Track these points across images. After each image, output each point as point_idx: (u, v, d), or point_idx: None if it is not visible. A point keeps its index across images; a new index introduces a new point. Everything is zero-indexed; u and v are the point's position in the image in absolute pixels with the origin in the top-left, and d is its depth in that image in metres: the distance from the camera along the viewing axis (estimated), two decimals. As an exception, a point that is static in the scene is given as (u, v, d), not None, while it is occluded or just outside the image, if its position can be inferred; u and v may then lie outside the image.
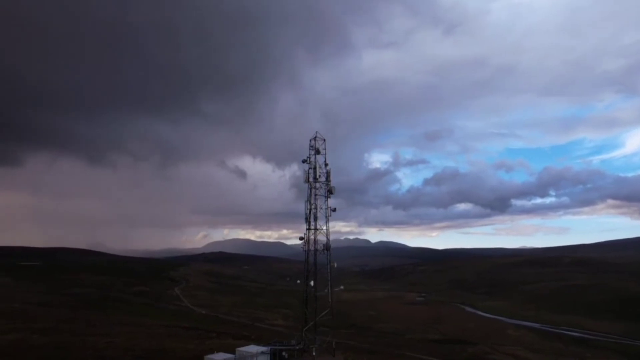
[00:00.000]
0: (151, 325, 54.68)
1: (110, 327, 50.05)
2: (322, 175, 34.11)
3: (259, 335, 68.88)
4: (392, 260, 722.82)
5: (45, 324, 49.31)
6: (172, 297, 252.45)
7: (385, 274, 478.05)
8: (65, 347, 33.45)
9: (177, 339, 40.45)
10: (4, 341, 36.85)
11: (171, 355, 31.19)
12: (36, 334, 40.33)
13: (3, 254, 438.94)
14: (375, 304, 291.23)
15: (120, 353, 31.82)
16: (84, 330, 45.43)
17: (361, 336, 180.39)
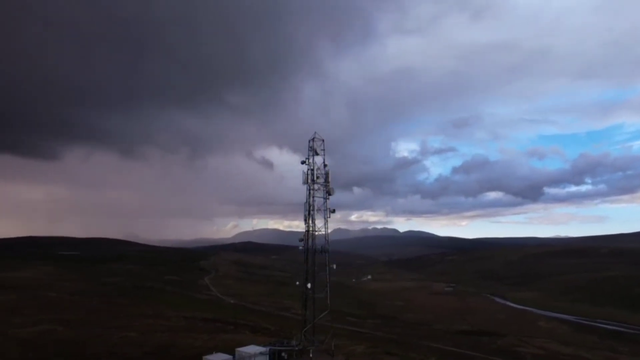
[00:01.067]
0: (172, 317, 56.26)
1: (133, 319, 51.86)
2: (321, 176, 33.73)
3: (279, 328, 69.73)
4: (420, 249, 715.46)
5: (73, 316, 51.62)
6: (202, 286, 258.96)
7: (413, 264, 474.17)
8: (83, 341, 34.85)
9: (191, 333, 41.39)
10: (31, 333, 38.85)
11: (177, 351, 31.92)
12: (62, 326, 42.26)
13: (45, 244, 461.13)
14: (403, 294, 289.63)
15: (131, 348, 32.85)
16: (107, 322, 47.30)
17: (388, 326, 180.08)
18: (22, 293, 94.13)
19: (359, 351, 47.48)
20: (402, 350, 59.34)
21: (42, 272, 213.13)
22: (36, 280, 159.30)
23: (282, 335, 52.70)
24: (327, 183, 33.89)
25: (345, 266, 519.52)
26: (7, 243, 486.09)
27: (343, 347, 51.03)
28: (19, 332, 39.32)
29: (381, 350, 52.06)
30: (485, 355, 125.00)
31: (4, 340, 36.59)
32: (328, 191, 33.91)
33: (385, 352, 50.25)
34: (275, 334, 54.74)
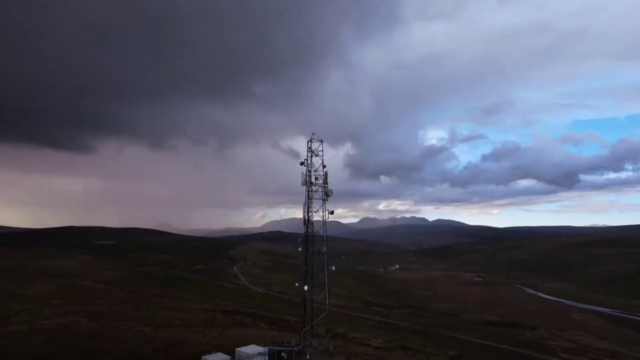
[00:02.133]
0: (192, 309, 57.77)
1: (155, 311, 53.63)
2: (320, 177, 33.37)
3: (298, 321, 70.35)
4: (449, 239, 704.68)
5: (99, 307, 53.91)
6: (230, 275, 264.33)
7: (442, 253, 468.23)
8: (101, 335, 36.32)
9: (205, 327, 42.30)
10: (56, 325, 40.83)
11: (183, 348, 32.66)
12: (86, 318, 44.18)
13: (83, 233, 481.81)
14: (431, 284, 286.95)
15: (141, 344, 33.90)
16: (130, 315, 49.13)
17: (414, 316, 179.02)
18: (60, 282, 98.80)
19: (374, 346, 47.30)
20: (420, 344, 58.80)
21: (81, 261, 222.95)
22: (75, 269, 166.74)
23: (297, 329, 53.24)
24: (326, 184, 33.55)
25: (373, 255, 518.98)
26: (50, 232, 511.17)
27: (359, 341, 51.19)
28: (45, 324, 41.47)
29: (397, 345, 51.80)
30: (512, 348, 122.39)
31: (29, 331, 38.70)
32: (326, 192, 33.58)
33: (401, 347, 49.99)
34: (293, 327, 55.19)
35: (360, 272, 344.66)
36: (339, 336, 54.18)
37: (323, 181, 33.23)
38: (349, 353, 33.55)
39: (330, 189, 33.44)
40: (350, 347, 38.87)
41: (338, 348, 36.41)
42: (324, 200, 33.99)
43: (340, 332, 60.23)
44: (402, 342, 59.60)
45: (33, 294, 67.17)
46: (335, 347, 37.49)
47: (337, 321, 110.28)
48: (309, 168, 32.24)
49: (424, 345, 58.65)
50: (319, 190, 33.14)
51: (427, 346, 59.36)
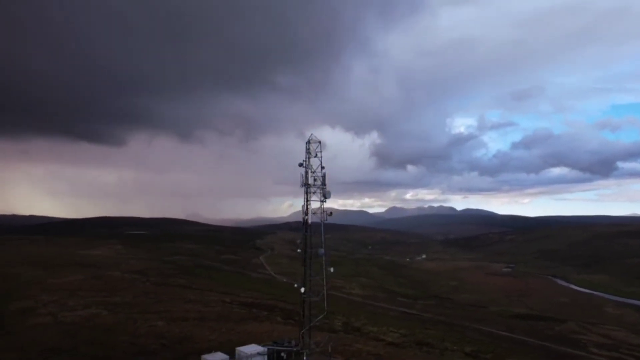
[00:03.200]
0: (211, 302, 58.93)
1: (174, 303, 55.04)
2: (318, 178, 33.03)
3: (318, 312, 70.70)
4: (478, 228, 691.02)
5: (123, 298, 55.85)
6: (256, 265, 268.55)
7: (470, 243, 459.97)
8: (116, 328, 37.57)
9: (218, 322, 42.96)
10: (77, 317, 42.58)
11: (189, 345, 33.25)
12: (107, 311, 45.85)
13: (116, 223, 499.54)
14: (458, 274, 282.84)
15: (151, 340, 34.75)
16: (150, 307, 50.60)
17: (439, 307, 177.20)
18: (91, 272, 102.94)
19: (387, 341, 46.95)
20: (438, 339, 58.09)
21: (113, 250, 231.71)
22: (107, 258, 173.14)
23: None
24: (324, 186, 33.19)
25: (400, 245, 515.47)
26: (87, 222, 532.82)
27: (374, 335, 50.97)
28: (67, 316, 43.33)
29: (413, 340, 51.30)
30: (540, 342, 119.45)
31: (52, 323, 40.53)
32: (324, 194, 33.23)
33: (416, 343, 49.47)
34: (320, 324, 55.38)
35: (386, 262, 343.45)
36: (355, 330, 54.25)
37: (321, 182, 32.94)
38: (352, 352, 33.42)
39: (329, 190, 33.12)
40: (359, 344, 38.68)
41: (344, 346, 36.38)
42: (322, 201, 33.74)
43: (357, 325, 60.24)
44: (419, 336, 58.99)
45: (63, 284, 70.20)
46: (344, 344, 37.52)
47: (359, 312, 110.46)
48: (307, 169, 32.01)
49: (442, 340, 57.90)
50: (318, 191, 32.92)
51: (445, 341, 58.56)
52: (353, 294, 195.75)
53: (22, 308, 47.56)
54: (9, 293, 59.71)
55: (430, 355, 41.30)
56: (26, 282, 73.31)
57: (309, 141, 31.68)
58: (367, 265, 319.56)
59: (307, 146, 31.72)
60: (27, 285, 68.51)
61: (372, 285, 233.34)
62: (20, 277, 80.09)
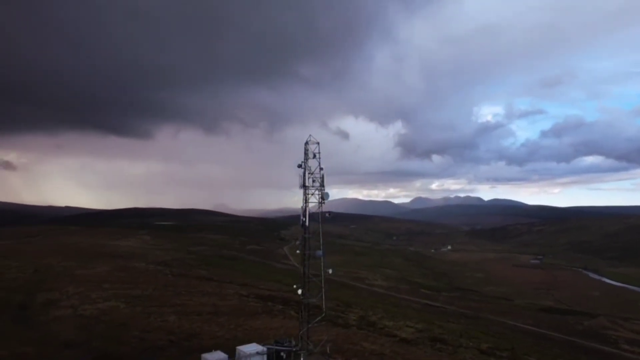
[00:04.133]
0: (228, 295, 59.91)
1: (192, 296, 56.28)
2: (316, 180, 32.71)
3: (337, 305, 70.77)
4: (506, 219, 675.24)
5: (143, 290, 57.55)
6: (280, 255, 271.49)
7: (497, 234, 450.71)
8: (129, 323, 38.66)
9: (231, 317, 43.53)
10: (95, 311, 44.12)
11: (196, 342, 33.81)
12: (125, 304, 47.35)
13: (143, 214, 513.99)
14: (484, 266, 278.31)
15: (160, 335, 35.51)
16: (168, 300, 51.93)
17: (463, 300, 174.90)
18: (118, 263, 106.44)
19: (400, 337, 46.52)
20: (455, 334, 57.25)
21: (141, 241, 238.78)
22: (135, 249, 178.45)
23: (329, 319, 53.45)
24: (322, 187, 32.86)
25: (425, 236, 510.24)
26: (116, 214, 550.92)
27: (388, 330, 50.67)
28: (87, 309, 44.94)
29: (428, 336, 50.68)
30: (567, 337, 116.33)
31: (72, 316, 42.16)
32: (322, 196, 32.91)
33: (431, 339, 48.81)
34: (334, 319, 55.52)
35: (411, 253, 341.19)
36: (369, 325, 54.10)
37: (320, 184, 32.69)
38: (355, 352, 33.24)
39: (327, 192, 32.85)
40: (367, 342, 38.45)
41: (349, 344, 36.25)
42: (320, 203, 33.49)
43: (373, 319, 60.06)
44: (436, 331, 58.31)
45: (90, 276, 72.86)
46: (350, 342, 37.45)
47: (379, 305, 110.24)
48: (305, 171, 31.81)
49: (459, 336, 57.05)
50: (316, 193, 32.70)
51: (462, 336, 57.65)
52: (376, 285, 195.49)
53: (48, 299, 49.67)
54: (39, 284, 62.41)
55: (442, 353, 40.74)
56: (57, 273, 76.38)
57: (307, 142, 31.43)
58: (391, 256, 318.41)
59: (305, 147, 31.49)
60: (57, 276, 71.41)
61: (395, 276, 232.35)
62: (52, 268, 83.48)
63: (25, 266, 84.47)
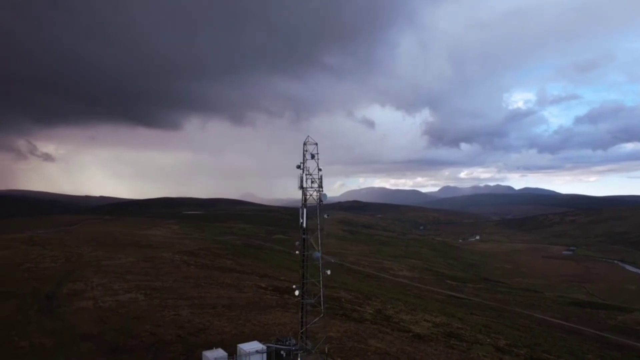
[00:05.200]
0: (246, 287, 60.76)
1: (210, 288, 57.35)
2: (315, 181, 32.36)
3: (356, 297, 70.67)
4: (537, 208, 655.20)
5: (164, 282, 59.16)
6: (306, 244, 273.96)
7: (527, 224, 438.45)
8: (143, 316, 39.80)
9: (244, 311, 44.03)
10: (114, 303, 45.75)
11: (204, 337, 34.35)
12: (144, 296, 48.83)
13: (173, 203, 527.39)
14: (513, 257, 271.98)
15: (170, 330, 36.34)
16: (186, 292, 53.19)
17: (489, 292, 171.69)
18: (145, 253, 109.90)
19: (414, 332, 45.88)
20: (473, 330, 56.19)
21: (170, 231, 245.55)
22: (164, 239, 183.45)
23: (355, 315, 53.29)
24: (320, 188, 32.58)
25: (453, 226, 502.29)
26: (147, 203, 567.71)
27: (404, 325, 50.22)
28: (107, 301, 46.65)
29: (444, 331, 49.91)
30: (597, 332, 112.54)
31: (92, 308, 43.89)
32: (320, 198, 32.64)
33: (446, 334, 48.01)
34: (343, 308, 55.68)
35: (437, 243, 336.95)
36: (385, 319, 53.82)
37: (318, 185, 32.45)
38: (358, 351, 32.98)
39: (324, 193, 32.62)
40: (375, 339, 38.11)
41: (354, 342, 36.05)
42: (318, 205, 33.28)
43: (389, 313, 59.71)
44: (454, 326, 57.44)
45: (116, 266, 75.55)
46: (357, 340, 37.30)
47: (401, 296, 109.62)
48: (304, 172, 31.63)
49: (478, 331, 56.01)
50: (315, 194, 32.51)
51: (482, 331, 56.59)
52: (400, 276, 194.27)
53: (73, 290, 51.86)
54: (68, 274, 65.20)
55: (454, 351, 39.98)
56: (86, 263, 79.53)
57: (306, 143, 31.24)
58: (417, 246, 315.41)
59: (304, 148, 31.28)
60: (85, 266, 74.35)
61: (421, 267, 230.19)
62: (82, 258, 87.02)
63: (58, 256, 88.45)
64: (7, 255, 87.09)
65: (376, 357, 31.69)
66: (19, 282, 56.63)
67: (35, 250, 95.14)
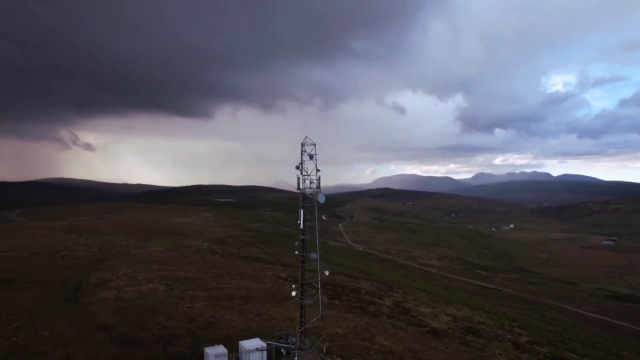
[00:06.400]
0: (266, 278, 61.44)
1: (231, 279, 58.37)
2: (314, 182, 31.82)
3: (376, 289, 70.10)
4: (577, 196, 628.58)
5: (186, 272, 60.73)
6: (335, 233, 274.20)
7: (565, 212, 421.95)
8: (160, 308, 40.97)
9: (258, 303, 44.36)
10: (135, 293, 47.39)
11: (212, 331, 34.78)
12: (164, 286, 50.24)
13: (206, 191, 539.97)
14: (549, 246, 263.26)
15: (182, 323, 37.11)
16: (207, 283, 54.36)
17: (521, 282, 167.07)
18: (174, 241, 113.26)
19: (430, 327, 44.91)
20: (494, 325, 54.63)
21: (202, 218, 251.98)
22: (195, 226, 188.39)
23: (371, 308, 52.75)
24: (318, 190, 32.08)
25: (486, 213, 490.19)
26: (182, 191, 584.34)
27: (420, 320, 49.46)
28: (129, 291, 48.42)
29: (463, 326, 48.74)
30: (637, 328, 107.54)
31: (113, 299, 45.69)
32: (317, 199, 32.18)
33: (465, 329, 46.84)
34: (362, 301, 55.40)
35: (469, 232, 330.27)
36: (403, 312, 53.21)
37: (316, 186, 32.05)
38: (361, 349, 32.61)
39: (322, 195, 32.22)
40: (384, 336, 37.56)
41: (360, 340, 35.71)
42: (315, 206, 32.93)
43: (409, 306, 59.03)
44: (474, 320, 56.14)
45: (144, 255, 78.26)
46: (364, 337, 36.98)
47: (425, 287, 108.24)
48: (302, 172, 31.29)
49: (500, 326, 54.53)
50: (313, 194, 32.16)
51: (505, 326, 55.06)
52: (429, 265, 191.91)
53: (100, 280, 54.17)
54: (97, 263, 68.12)
55: (468, 348, 38.96)
56: (116, 252, 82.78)
57: (304, 144, 30.89)
58: (448, 235, 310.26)
59: (302, 149, 30.93)
60: (115, 255, 77.41)
61: (451, 256, 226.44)
62: (114, 247, 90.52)
63: (92, 244, 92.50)
64: (47, 244, 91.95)
65: (378, 356, 31.42)
66: (53, 271, 59.72)
67: (72, 239, 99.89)
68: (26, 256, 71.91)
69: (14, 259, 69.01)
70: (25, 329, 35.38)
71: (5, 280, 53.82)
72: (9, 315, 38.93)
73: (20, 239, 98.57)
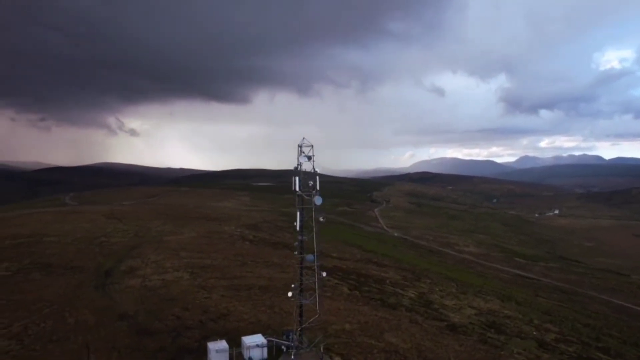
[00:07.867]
0: (290, 267, 61.71)
1: (255, 268, 59.15)
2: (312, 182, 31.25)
3: (400, 279, 69.12)
4: (630, 181, 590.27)
5: (213, 260, 62.29)
6: (370, 217, 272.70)
7: (617, 198, 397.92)
8: (179, 298, 42.14)
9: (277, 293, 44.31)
10: (160, 281, 49.11)
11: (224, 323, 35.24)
12: (189, 274, 51.70)
13: (246, 175, 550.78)
14: (596, 234, 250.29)
15: (196, 314, 37.78)
16: (231, 271, 55.52)
17: (563, 272, 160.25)
18: (209, 227, 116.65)
19: (450, 322, 43.74)
20: (526, 318, 52.52)
21: (240, 202, 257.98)
22: (232, 211, 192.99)
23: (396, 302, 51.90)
24: (317, 191, 31.51)
25: (530, 198, 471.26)
26: (222, 174, 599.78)
27: (441, 314, 48.37)
28: (153, 280, 50.34)
29: (486, 321, 47.25)
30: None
31: (138, 287, 47.70)
32: (315, 201, 31.63)
33: (488, 325, 45.28)
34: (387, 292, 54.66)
35: (510, 217, 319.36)
36: (424, 304, 52.34)
37: (314, 187, 31.57)
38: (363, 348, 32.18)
39: (320, 196, 31.76)
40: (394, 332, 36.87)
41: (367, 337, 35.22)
42: (313, 208, 32.50)
43: (434, 297, 57.98)
44: (500, 314, 54.30)
45: (175, 242, 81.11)
46: (371, 335, 36.52)
47: (458, 275, 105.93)
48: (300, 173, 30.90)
49: (527, 321, 52.44)
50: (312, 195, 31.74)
51: (532, 322, 52.93)
52: (465, 252, 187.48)
53: (130, 267, 56.74)
54: (131, 249, 71.21)
55: (485, 346, 37.67)
56: (151, 238, 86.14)
57: (301, 145, 30.46)
58: (488, 220, 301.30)
59: (299, 150, 30.50)
60: (149, 242, 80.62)
61: (489, 242, 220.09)
62: (149, 233, 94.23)
63: (130, 230, 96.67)
64: (88, 229, 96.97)
65: (381, 355, 31.10)
66: (89, 257, 63.09)
67: (112, 224, 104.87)
68: (68, 241, 76.21)
69: (57, 245, 73.41)
70: (54, 315, 37.76)
71: (47, 265, 57.47)
72: (43, 302, 41.68)
73: (67, 224, 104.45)
